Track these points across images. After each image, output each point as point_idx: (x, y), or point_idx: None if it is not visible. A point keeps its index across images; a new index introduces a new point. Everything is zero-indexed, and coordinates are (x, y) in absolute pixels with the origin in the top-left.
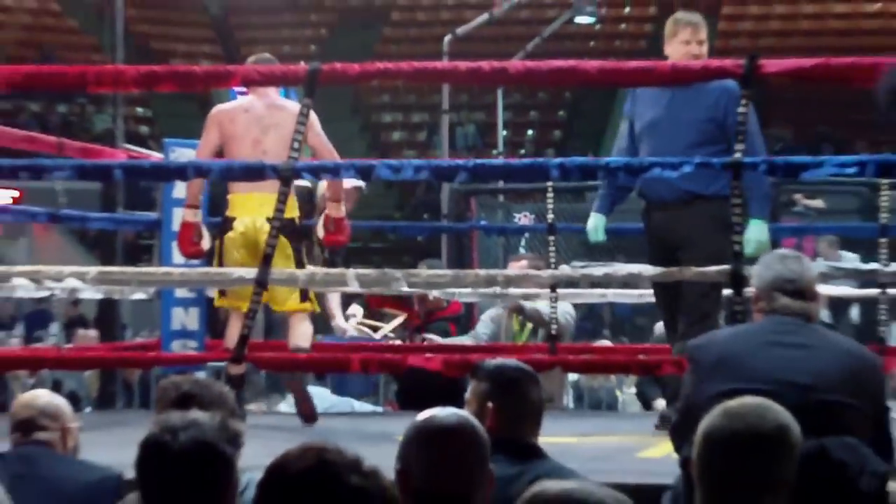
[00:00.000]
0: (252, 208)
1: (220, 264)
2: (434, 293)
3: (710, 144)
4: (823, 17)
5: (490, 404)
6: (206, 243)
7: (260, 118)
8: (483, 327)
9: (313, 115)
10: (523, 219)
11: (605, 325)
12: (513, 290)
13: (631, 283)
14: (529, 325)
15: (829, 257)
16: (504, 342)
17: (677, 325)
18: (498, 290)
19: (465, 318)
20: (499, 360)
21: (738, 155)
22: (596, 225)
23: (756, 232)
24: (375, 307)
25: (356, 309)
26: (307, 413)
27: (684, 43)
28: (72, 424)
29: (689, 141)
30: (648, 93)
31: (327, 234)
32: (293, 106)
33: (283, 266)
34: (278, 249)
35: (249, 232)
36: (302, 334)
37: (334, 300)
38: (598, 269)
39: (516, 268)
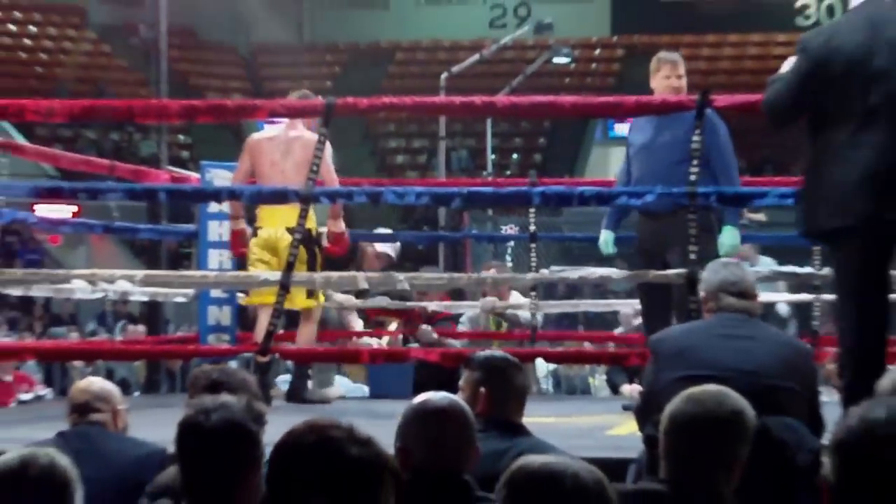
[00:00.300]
0: (275, 220)
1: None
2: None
3: (689, 163)
4: (765, 59)
5: (482, 389)
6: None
7: (280, 145)
8: (463, 327)
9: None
10: (509, 230)
11: (580, 322)
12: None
13: (602, 285)
14: (504, 324)
15: (752, 261)
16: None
17: (657, 322)
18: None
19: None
20: (488, 352)
21: (693, 175)
22: (605, 240)
23: (729, 237)
24: (373, 317)
25: (357, 322)
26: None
27: (665, 77)
28: (121, 407)
29: (673, 160)
30: (640, 121)
31: (329, 246)
32: (310, 135)
33: (298, 270)
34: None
35: (271, 239)
36: (306, 334)
37: (354, 317)
38: (574, 272)
39: (488, 273)
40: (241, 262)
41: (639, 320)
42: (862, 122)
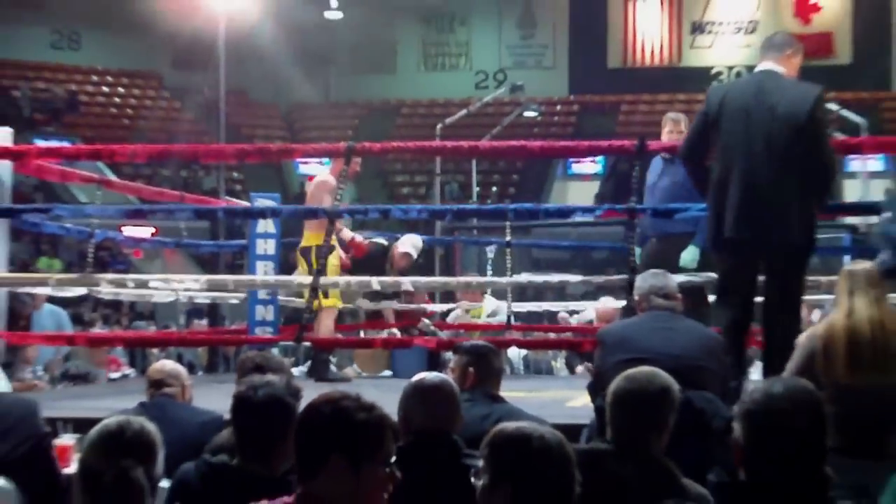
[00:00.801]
0: (307, 240)
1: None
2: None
3: (683, 199)
4: (689, 113)
5: (470, 369)
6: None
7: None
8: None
9: (329, 177)
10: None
11: (544, 318)
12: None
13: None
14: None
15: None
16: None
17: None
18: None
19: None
20: (473, 341)
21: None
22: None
23: (691, 253)
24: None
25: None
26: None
27: (669, 132)
28: (188, 383)
29: (671, 199)
30: (653, 165)
31: (351, 253)
32: (323, 172)
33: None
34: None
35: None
36: (323, 326)
37: (389, 312)
38: (539, 278)
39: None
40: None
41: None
42: (735, 164)
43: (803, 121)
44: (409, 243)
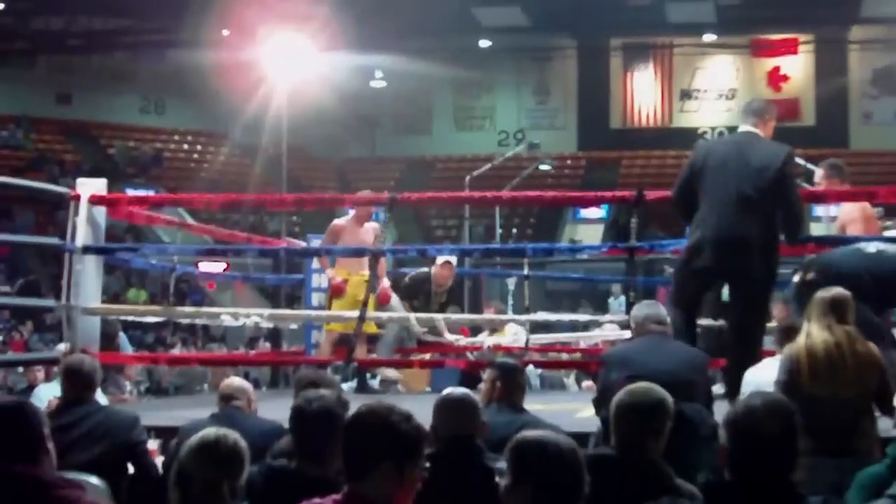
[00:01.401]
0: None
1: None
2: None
3: None
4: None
5: (497, 383)
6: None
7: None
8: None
9: (334, 223)
10: (510, 280)
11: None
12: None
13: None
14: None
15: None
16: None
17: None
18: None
19: None
20: (502, 359)
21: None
22: None
23: None
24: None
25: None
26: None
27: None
28: (253, 397)
29: None
30: None
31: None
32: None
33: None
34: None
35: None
36: (323, 347)
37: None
38: (552, 316)
39: (490, 311)
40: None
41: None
42: (714, 207)
43: (773, 174)
44: (446, 257)
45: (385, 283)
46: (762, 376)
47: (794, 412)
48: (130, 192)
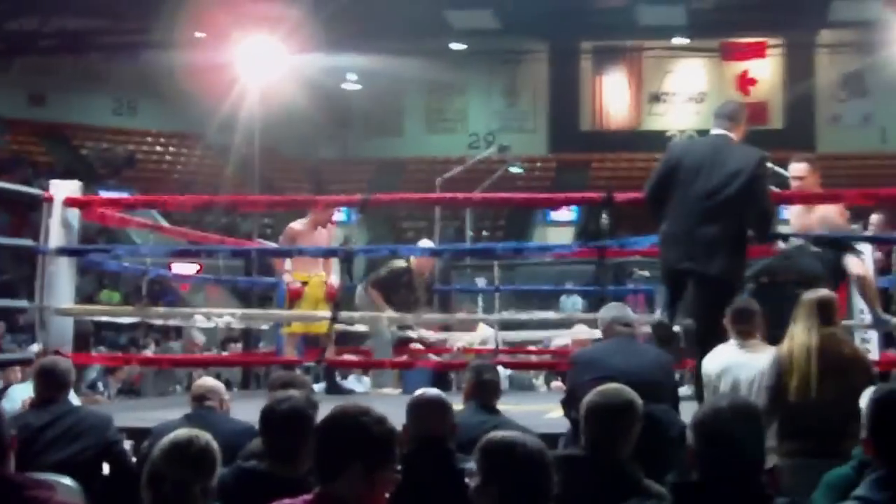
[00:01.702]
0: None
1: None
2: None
3: None
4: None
5: (472, 384)
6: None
7: None
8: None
9: (291, 225)
10: (480, 281)
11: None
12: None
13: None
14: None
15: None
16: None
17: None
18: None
19: None
20: (478, 362)
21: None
22: None
23: None
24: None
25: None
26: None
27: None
28: (226, 398)
29: None
30: None
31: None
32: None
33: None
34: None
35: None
36: (332, 349)
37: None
38: (523, 315)
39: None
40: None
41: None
42: (685, 208)
43: (746, 178)
44: (424, 244)
45: (334, 280)
46: (710, 366)
47: (760, 414)
48: (103, 194)
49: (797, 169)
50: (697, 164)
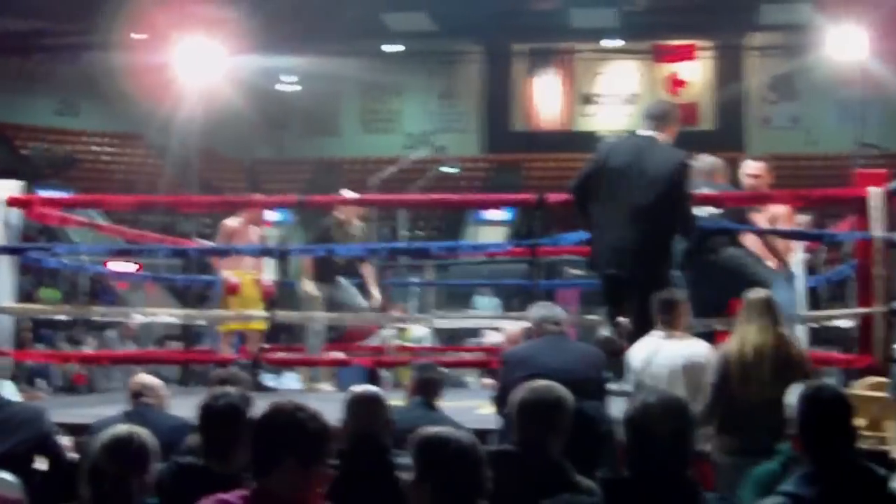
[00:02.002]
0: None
1: None
2: None
3: None
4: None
5: (414, 382)
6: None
7: None
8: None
9: (226, 222)
10: (415, 280)
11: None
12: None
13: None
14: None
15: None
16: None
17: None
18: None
19: None
20: (422, 361)
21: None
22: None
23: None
24: None
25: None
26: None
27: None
28: (164, 394)
29: None
30: None
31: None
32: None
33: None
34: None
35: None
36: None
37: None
38: (456, 315)
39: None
40: None
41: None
42: (610, 211)
43: (667, 182)
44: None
45: (266, 278)
46: (634, 356)
47: (689, 409)
48: (44, 194)
49: (754, 167)
50: (621, 167)
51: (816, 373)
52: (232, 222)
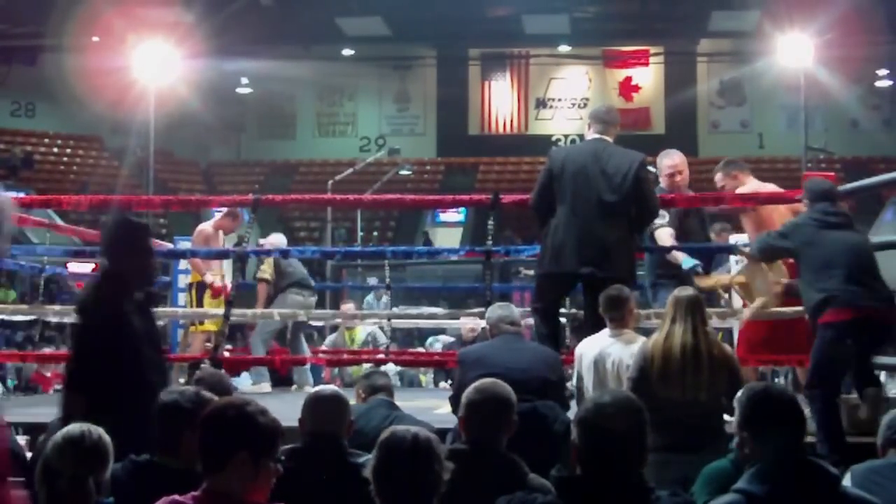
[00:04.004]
0: (192, 277)
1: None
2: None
3: None
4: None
5: (365, 387)
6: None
7: None
8: (328, 342)
9: (205, 227)
10: (372, 280)
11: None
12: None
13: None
14: (356, 340)
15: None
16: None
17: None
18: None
19: None
20: (367, 369)
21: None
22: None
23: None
24: None
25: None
26: None
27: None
28: None
29: None
30: None
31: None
32: (205, 223)
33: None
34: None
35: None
36: (194, 346)
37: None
38: (413, 310)
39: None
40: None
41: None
42: (572, 213)
43: (630, 180)
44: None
45: (210, 279)
46: (580, 353)
47: (642, 409)
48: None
49: (671, 165)
50: (580, 170)
51: (744, 371)
52: (207, 227)
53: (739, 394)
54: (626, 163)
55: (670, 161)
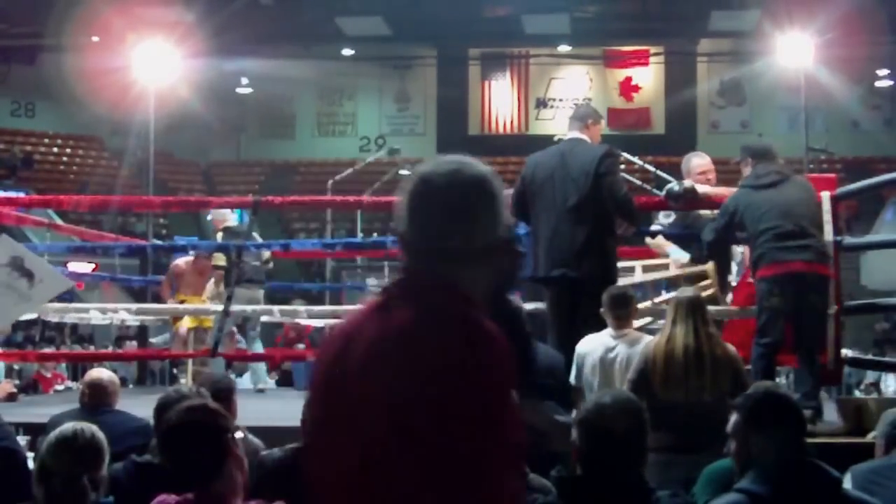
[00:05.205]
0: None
1: None
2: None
3: None
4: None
5: None
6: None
7: None
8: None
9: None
10: (371, 280)
11: None
12: None
13: None
14: None
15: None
16: None
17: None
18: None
19: None
20: None
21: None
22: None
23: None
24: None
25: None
26: None
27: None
28: (113, 390)
29: None
30: None
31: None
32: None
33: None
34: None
35: None
36: (176, 340)
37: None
38: None
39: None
40: None
41: None
42: (543, 218)
43: (592, 178)
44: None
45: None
46: (581, 350)
47: (642, 409)
48: (0, 194)
49: (701, 165)
50: (547, 175)
51: (747, 372)
52: (181, 264)
53: (739, 397)
54: (588, 161)
55: (701, 161)
